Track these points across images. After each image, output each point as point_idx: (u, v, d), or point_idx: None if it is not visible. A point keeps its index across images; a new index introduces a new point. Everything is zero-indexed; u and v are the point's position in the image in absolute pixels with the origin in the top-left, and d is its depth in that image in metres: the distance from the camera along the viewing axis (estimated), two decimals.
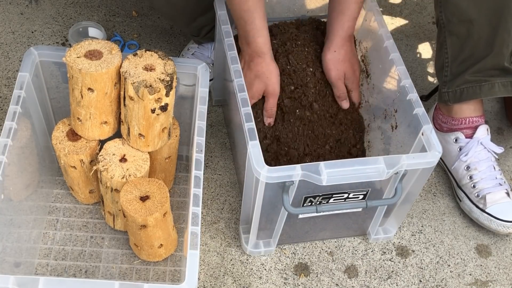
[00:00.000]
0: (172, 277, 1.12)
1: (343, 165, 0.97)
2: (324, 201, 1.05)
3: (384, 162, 0.99)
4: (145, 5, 1.62)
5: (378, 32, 1.21)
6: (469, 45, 1.20)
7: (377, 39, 1.22)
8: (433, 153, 1.02)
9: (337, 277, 1.17)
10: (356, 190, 1.05)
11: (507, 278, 1.21)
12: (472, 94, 1.23)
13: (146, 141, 1.05)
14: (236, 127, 1.20)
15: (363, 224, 1.20)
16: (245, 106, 1.04)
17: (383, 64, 1.20)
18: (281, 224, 1.09)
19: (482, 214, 1.23)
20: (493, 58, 1.19)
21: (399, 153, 1.08)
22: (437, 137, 1.05)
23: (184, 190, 1.24)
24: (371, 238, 1.22)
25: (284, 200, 1.00)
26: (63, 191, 1.21)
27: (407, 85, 1.12)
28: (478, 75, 1.21)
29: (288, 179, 0.97)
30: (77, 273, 1.10)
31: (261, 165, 0.96)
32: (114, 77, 1.00)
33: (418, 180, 1.07)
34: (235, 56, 1.12)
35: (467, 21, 1.17)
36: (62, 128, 1.10)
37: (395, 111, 1.17)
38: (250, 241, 1.14)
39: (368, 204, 1.05)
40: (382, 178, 0.99)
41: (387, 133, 1.21)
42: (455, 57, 1.23)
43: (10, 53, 1.45)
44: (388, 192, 1.09)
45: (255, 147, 0.98)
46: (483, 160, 1.24)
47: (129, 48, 1.50)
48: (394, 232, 1.23)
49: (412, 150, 1.10)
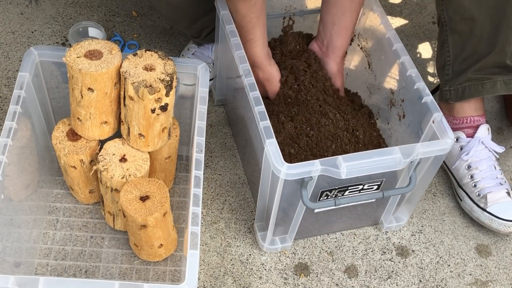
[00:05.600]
0: (172, 277, 1.12)
1: (361, 158, 0.98)
2: (340, 194, 1.06)
3: (400, 151, 1.00)
4: (145, 5, 1.62)
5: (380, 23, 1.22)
6: (471, 43, 1.20)
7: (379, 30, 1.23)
8: (446, 140, 1.03)
9: (337, 277, 1.17)
10: (371, 181, 1.05)
11: (507, 278, 1.21)
12: (474, 92, 1.23)
13: (146, 141, 1.05)
14: (246, 125, 1.20)
15: (375, 213, 1.21)
16: (258, 104, 1.04)
17: (385, 55, 1.21)
18: (298, 220, 1.10)
19: (483, 213, 1.23)
20: (495, 56, 1.19)
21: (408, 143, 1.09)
22: None
23: (184, 190, 1.24)
24: (384, 227, 1.23)
25: (303, 196, 1.01)
26: (63, 191, 1.21)
27: (413, 74, 1.13)
28: (480, 73, 1.21)
29: (307, 175, 0.98)
30: (77, 273, 1.10)
31: (280, 163, 0.96)
32: (114, 77, 1.00)
33: (430, 167, 1.09)
34: (243, 55, 1.12)
35: (469, 19, 1.17)
36: (62, 128, 1.10)
37: (402, 100, 1.18)
38: (267, 238, 1.15)
39: (385, 194, 1.06)
40: (399, 167, 1.01)
41: (395, 122, 1.22)
42: (457, 55, 1.23)
43: (10, 53, 1.45)
44: (402, 181, 1.10)
45: (272, 145, 0.98)
46: (484, 160, 1.24)
47: (129, 48, 1.50)
48: (406, 220, 1.24)
49: (422, 138, 1.11)
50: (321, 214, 1.12)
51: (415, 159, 1.03)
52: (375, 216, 1.22)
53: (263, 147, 1.00)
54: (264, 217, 1.15)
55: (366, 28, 1.29)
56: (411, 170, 1.06)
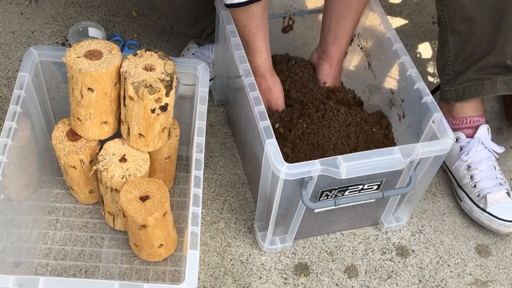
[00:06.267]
0: (172, 277, 1.12)
1: (361, 157, 0.99)
2: (340, 194, 1.06)
3: (400, 151, 1.00)
4: (145, 5, 1.61)
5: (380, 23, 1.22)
6: (472, 43, 1.20)
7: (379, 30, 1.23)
8: (446, 140, 1.04)
9: (337, 277, 1.17)
10: (371, 181, 1.05)
11: (507, 278, 1.21)
12: (474, 92, 1.23)
13: (146, 141, 1.05)
14: (246, 125, 1.20)
15: (375, 213, 1.21)
16: (258, 104, 1.04)
17: (385, 55, 1.21)
18: (298, 220, 1.10)
19: (483, 213, 1.23)
20: (495, 56, 1.19)
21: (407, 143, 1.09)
22: None
23: (184, 190, 1.24)
24: (384, 227, 1.23)
25: (303, 196, 1.01)
26: (63, 191, 1.21)
27: (413, 74, 1.13)
28: (481, 73, 1.21)
29: (307, 175, 0.98)
30: (77, 273, 1.10)
31: (280, 163, 0.96)
32: (114, 77, 1.00)
33: (430, 167, 1.09)
34: (243, 55, 1.12)
35: (470, 19, 1.17)
36: (62, 128, 1.10)
37: (402, 100, 1.18)
38: (267, 238, 1.15)
39: (385, 194, 1.07)
40: (399, 167, 1.01)
41: (395, 122, 1.22)
42: (457, 55, 1.23)
43: (10, 53, 1.45)
44: (402, 181, 1.10)
45: (272, 145, 0.99)
46: (484, 160, 1.24)
47: (129, 48, 1.50)
48: (406, 220, 1.24)
49: (422, 138, 1.11)
50: (321, 214, 1.12)
51: (415, 159, 1.03)
52: (375, 216, 1.22)
53: (263, 147, 1.00)
54: (264, 217, 1.15)
55: (366, 28, 1.29)
56: (411, 170, 1.06)
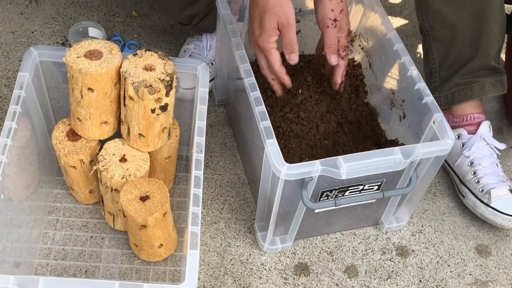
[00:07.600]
0: (172, 277, 1.12)
1: (361, 158, 0.99)
2: (340, 194, 1.06)
3: (401, 152, 1.00)
4: (145, 5, 1.62)
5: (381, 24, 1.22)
6: (455, 49, 1.22)
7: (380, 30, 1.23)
8: (447, 141, 1.04)
9: (337, 277, 1.17)
10: (371, 182, 1.06)
11: (507, 278, 1.21)
12: (463, 96, 1.25)
13: (146, 141, 1.05)
14: (247, 125, 1.20)
15: (376, 214, 1.21)
16: (259, 104, 1.04)
17: (386, 55, 1.21)
18: (298, 220, 1.10)
19: (487, 208, 1.23)
20: (480, 59, 1.21)
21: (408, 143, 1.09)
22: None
23: (184, 190, 1.24)
24: (384, 227, 1.23)
25: (303, 196, 1.01)
26: (63, 191, 1.21)
27: (414, 74, 1.13)
28: (468, 77, 1.23)
29: (307, 176, 0.98)
30: (77, 273, 1.10)
31: (280, 163, 0.96)
32: (114, 77, 1.00)
33: (430, 167, 1.09)
34: (243, 55, 1.12)
35: (450, 26, 1.19)
36: (62, 128, 1.10)
37: (403, 101, 1.18)
38: (268, 238, 1.15)
39: (385, 194, 1.07)
40: (400, 168, 1.01)
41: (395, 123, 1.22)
42: (442, 62, 1.25)
43: (10, 53, 1.45)
44: (402, 181, 1.10)
45: (272, 145, 0.99)
46: (487, 156, 1.25)
47: (129, 48, 1.50)
48: (406, 220, 1.24)
49: (422, 139, 1.11)
50: (321, 214, 1.12)
51: (416, 159, 1.03)
52: (375, 216, 1.22)
53: (263, 147, 1.00)
54: (264, 217, 1.15)
55: (367, 28, 1.29)
56: (411, 171, 1.06)
